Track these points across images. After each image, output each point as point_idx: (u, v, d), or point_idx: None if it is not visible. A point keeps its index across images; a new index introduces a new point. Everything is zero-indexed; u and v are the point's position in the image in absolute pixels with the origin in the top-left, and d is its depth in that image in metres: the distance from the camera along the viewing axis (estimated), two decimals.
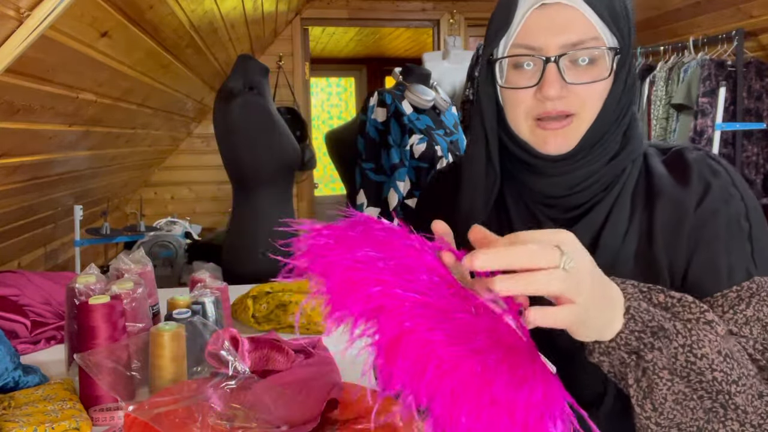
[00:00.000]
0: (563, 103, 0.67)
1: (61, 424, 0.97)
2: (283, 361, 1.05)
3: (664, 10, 3.32)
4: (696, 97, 2.87)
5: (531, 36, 0.67)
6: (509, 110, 0.72)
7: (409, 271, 0.49)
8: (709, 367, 0.55)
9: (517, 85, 0.69)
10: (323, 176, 6.31)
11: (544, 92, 0.66)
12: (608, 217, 0.72)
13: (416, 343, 0.45)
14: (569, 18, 0.66)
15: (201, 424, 0.83)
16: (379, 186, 2.56)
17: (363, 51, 6.40)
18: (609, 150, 0.71)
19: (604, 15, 0.67)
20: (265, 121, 2.19)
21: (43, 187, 1.95)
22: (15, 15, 1.02)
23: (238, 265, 2.24)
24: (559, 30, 0.66)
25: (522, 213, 0.77)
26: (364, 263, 0.48)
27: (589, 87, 0.67)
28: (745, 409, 0.56)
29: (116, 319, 1.15)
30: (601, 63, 0.67)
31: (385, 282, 0.47)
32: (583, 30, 0.66)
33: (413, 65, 2.66)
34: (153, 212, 3.80)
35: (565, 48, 0.66)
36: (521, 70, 0.69)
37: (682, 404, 0.56)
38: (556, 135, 0.68)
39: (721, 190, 0.70)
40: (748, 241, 0.68)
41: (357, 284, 0.47)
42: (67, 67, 1.40)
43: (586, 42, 0.66)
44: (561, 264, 0.47)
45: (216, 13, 2.19)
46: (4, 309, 1.46)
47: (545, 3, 0.66)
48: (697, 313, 0.58)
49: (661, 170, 0.74)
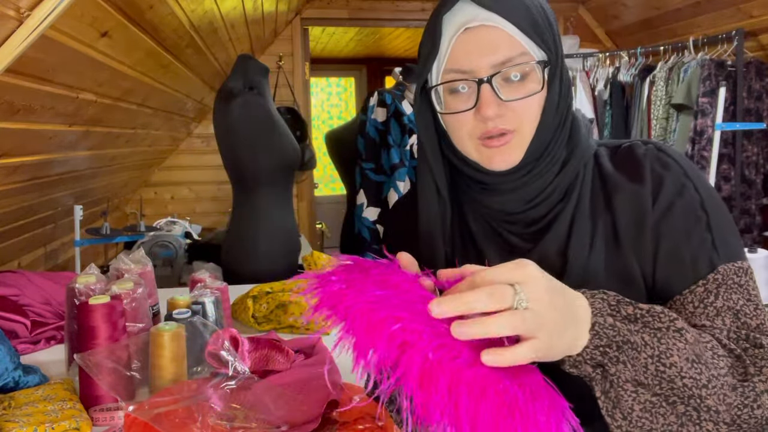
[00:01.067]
0: (502, 120, 0.69)
1: (61, 424, 0.97)
2: (283, 361, 1.05)
3: (664, 10, 3.32)
4: (696, 97, 2.87)
5: (461, 60, 0.69)
6: (453, 134, 0.73)
7: (414, 305, 0.52)
8: (678, 374, 0.57)
9: (456, 109, 0.71)
10: (323, 176, 6.31)
11: (482, 113, 0.68)
12: (572, 227, 0.73)
13: (445, 373, 0.48)
14: (495, 38, 0.68)
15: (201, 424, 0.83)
16: (379, 186, 2.56)
17: (363, 51, 6.40)
18: (557, 158, 0.73)
19: (527, 30, 0.68)
20: (265, 121, 2.19)
21: (43, 187, 1.95)
22: (15, 15, 1.02)
23: (238, 265, 2.24)
24: (486, 51, 0.67)
25: (486, 232, 0.77)
26: (379, 303, 0.51)
27: (525, 102, 0.69)
28: (717, 409, 0.57)
29: (116, 319, 1.15)
30: (533, 77, 0.69)
31: (402, 319, 0.50)
32: (510, 47, 0.68)
33: (413, 65, 2.66)
34: (153, 212, 3.80)
35: (496, 67, 0.67)
36: (457, 93, 0.70)
37: (651, 411, 0.57)
38: (501, 152, 0.70)
39: (673, 182, 0.71)
40: (707, 230, 0.69)
41: (378, 325, 0.50)
42: (67, 67, 1.40)
43: (514, 59, 0.68)
44: (514, 304, 0.50)
45: (216, 13, 2.19)
46: (4, 309, 1.46)
47: (469, 27, 0.68)
48: (666, 322, 0.59)
49: (612, 169, 0.75)
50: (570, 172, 0.74)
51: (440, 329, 0.50)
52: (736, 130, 2.82)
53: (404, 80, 2.60)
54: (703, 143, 2.86)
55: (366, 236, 2.59)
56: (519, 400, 0.49)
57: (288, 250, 2.33)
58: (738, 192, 2.91)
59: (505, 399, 0.48)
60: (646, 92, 3.18)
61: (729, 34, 2.83)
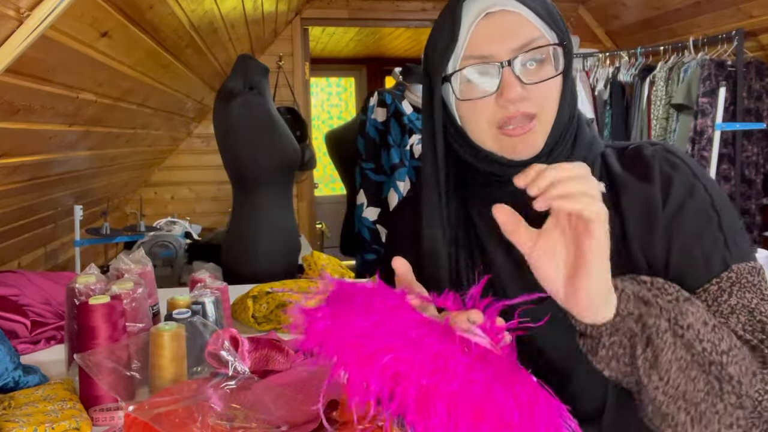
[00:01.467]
0: (524, 104, 0.68)
1: (61, 424, 0.97)
2: (283, 361, 1.05)
3: (664, 10, 3.32)
4: (696, 97, 2.87)
5: (481, 46, 0.69)
6: (470, 123, 0.72)
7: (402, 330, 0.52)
8: (696, 337, 0.56)
9: (474, 96, 0.70)
10: (323, 176, 6.31)
11: (506, 96, 0.67)
12: None
13: (442, 397, 0.49)
14: (514, 22, 0.68)
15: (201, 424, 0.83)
16: (379, 186, 2.56)
17: (363, 51, 6.40)
18: (564, 152, 0.73)
19: (543, 15, 0.69)
20: (265, 121, 2.19)
21: (43, 187, 1.95)
22: (15, 15, 1.02)
23: (238, 265, 2.24)
24: (507, 35, 0.68)
25: (491, 229, 0.77)
26: (366, 336, 0.51)
27: (545, 85, 0.69)
28: (739, 379, 0.56)
29: (116, 319, 1.15)
30: (549, 61, 0.69)
31: (392, 348, 0.50)
32: (529, 32, 0.68)
33: (413, 65, 2.65)
34: (153, 212, 3.80)
35: (516, 51, 0.68)
36: (473, 82, 0.70)
37: (685, 372, 0.56)
38: (524, 139, 0.69)
39: (683, 183, 0.71)
40: (719, 230, 0.69)
41: (369, 359, 0.50)
42: (67, 67, 1.40)
43: (533, 42, 0.68)
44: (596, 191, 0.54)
45: (216, 13, 2.19)
46: (4, 309, 1.46)
47: (489, 12, 0.68)
48: (674, 293, 0.59)
49: (619, 169, 0.75)
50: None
51: (432, 352, 0.50)
52: (736, 130, 2.82)
53: (404, 80, 2.60)
54: (703, 143, 2.86)
55: (366, 236, 2.59)
56: (516, 416, 0.49)
57: (288, 250, 2.33)
58: (738, 192, 2.91)
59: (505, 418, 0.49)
60: (646, 92, 3.18)
61: (729, 34, 2.83)
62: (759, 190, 3.01)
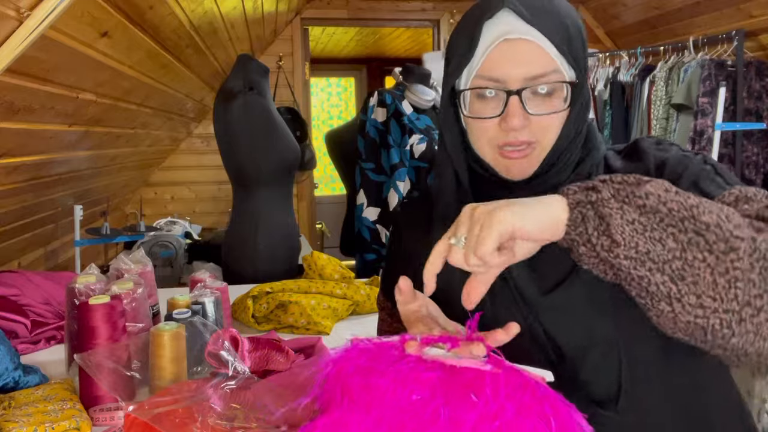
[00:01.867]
0: (525, 132, 0.70)
1: (61, 424, 0.97)
2: (283, 361, 1.05)
3: (664, 10, 3.32)
4: (696, 97, 2.87)
5: (494, 69, 0.70)
6: (474, 138, 0.75)
7: (422, 409, 0.52)
8: (658, 201, 0.56)
9: (481, 114, 0.72)
10: (323, 176, 6.31)
11: (508, 123, 0.69)
12: None
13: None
14: (531, 52, 0.69)
15: (201, 424, 0.83)
16: (379, 186, 2.56)
17: (363, 51, 6.40)
18: (571, 160, 0.75)
19: (562, 48, 0.70)
20: (265, 121, 2.19)
21: (43, 187, 1.95)
22: (15, 15, 1.02)
23: (238, 265, 2.24)
24: (521, 63, 0.69)
25: None
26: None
27: (548, 117, 0.70)
28: (718, 224, 0.54)
29: (116, 319, 1.15)
30: (559, 94, 0.71)
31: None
32: (544, 63, 0.69)
33: (413, 65, 2.66)
34: (153, 212, 3.80)
35: (527, 81, 0.69)
36: (484, 99, 0.72)
37: (643, 235, 0.55)
38: (518, 164, 0.72)
39: (676, 160, 0.73)
40: (717, 175, 0.70)
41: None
42: (67, 67, 1.40)
43: (546, 75, 0.69)
44: (456, 244, 0.58)
45: (216, 13, 2.19)
46: (4, 309, 1.46)
47: (508, 38, 0.69)
48: (632, 179, 0.59)
49: (620, 165, 0.77)
50: (582, 173, 0.75)
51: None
52: (736, 130, 2.82)
53: (404, 80, 2.60)
54: (703, 143, 2.86)
55: (366, 236, 2.59)
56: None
57: (288, 250, 2.33)
58: None
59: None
60: (646, 92, 3.18)
61: (729, 34, 2.83)
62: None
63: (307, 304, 1.58)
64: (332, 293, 1.67)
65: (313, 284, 1.69)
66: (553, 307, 0.72)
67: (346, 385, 0.54)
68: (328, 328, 1.56)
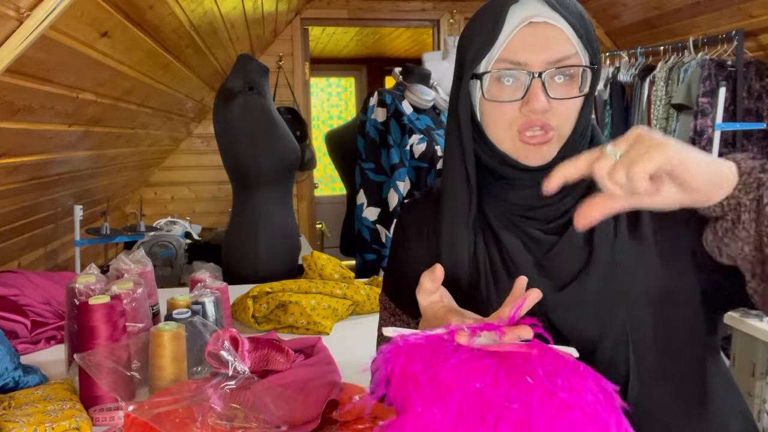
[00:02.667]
0: (546, 116, 0.71)
1: (61, 424, 0.97)
2: (283, 361, 1.05)
3: (664, 10, 3.32)
4: (696, 97, 2.87)
5: (517, 52, 0.70)
6: (491, 122, 0.75)
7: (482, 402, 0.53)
8: None
9: (500, 98, 0.72)
10: (323, 176, 6.31)
11: (531, 106, 0.69)
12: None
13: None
14: (553, 36, 0.70)
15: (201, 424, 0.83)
16: (379, 186, 2.56)
17: (363, 51, 6.40)
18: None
19: (581, 34, 0.71)
20: (265, 121, 2.19)
21: (43, 187, 1.95)
22: (15, 15, 1.02)
23: (238, 265, 2.24)
24: (544, 47, 0.70)
25: (507, 225, 0.78)
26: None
27: (568, 102, 0.71)
28: None
29: (116, 319, 1.15)
30: (577, 80, 0.72)
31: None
32: (565, 47, 0.70)
33: (413, 65, 2.66)
34: (153, 212, 3.80)
35: (550, 65, 0.70)
36: (502, 84, 0.72)
37: None
38: (537, 149, 0.72)
39: None
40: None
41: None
42: (67, 67, 1.40)
43: (567, 59, 0.70)
44: (610, 153, 0.52)
45: (216, 13, 2.19)
46: (4, 309, 1.46)
47: (533, 21, 0.70)
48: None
49: None
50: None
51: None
52: (736, 130, 2.82)
53: (404, 80, 2.60)
54: (703, 143, 2.86)
55: (366, 236, 2.59)
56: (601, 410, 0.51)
57: (288, 250, 2.33)
58: None
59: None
60: (646, 92, 3.18)
61: (729, 34, 2.83)
62: None
63: (307, 304, 1.58)
64: (332, 293, 1.67)
65: (313, 284, 1.69)
66: (564, 305, 0.72)
67: (415, 379, 0.55)
68: (328, 328, 1.56)
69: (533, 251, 0.76)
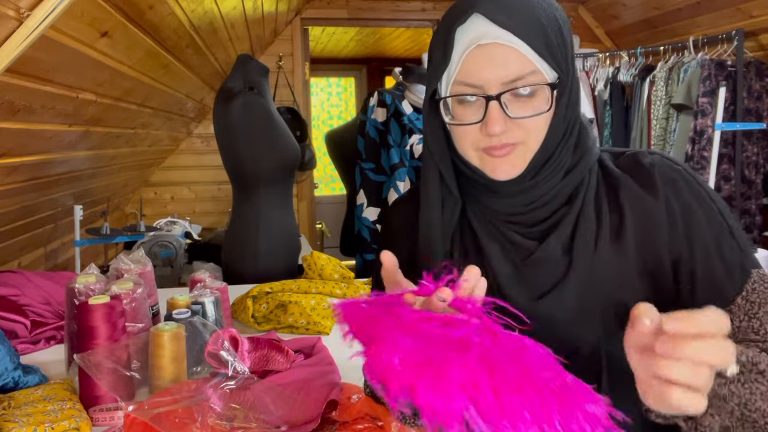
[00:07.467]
0: (507, 136, 0.70)
1: (61, 424, 0.97)
2: (283, 361, 1.05)
3: (664, 10, 3.32)
4: (696, 97, 2.87)
5: (471, 74, 0.69)
6: (458, 142, 0.74)
7: (429, 335, 0.53)
8: (762, 416, 0.58)
9: (463, 119, 0.71)
10: (323, 176, 6.31)
11: (489, 129, 0.68)
12: (575, 229, 0.74)
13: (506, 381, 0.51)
14: (506, 55, 0.68)
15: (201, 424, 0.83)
16: (379, 186, 2.56)
17: (363, 51, 6.40)
18: (562, 164, 0.74)
19: (540, 49, 0.68)
20: (265, 121, 2.19)
21: (43, 187, 1.95)
22: (15, 15, 1.02)
23: (238, 265, 2.24)
24: (498, 68, 0.67)
25: (489, 230, 0.78)
26: (413, 353, 0.52)
27: (531, 119, 0.69)
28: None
29: (116, 319, 1.15)
30: (541, 95, 0.69)
31: (441, 359, 0.51)
32: (521, 65, 0.68)
33: (413, 65, 2.66)
34: (153, 212, 3.80)
35: (506, 85, 0.68)
36: (466, 104, 0.71)
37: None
38: (504, 161, 0.71)
39: (688, 187, 0.73)
40: (732, 238, 0.71)
41: (437, 378, 0.50)
42: (67, 67, 1.40)
43: (525, 77, 0.68)
44: (721, 366, 0.50)
45: (216, 13, 2.19)
46: (4, 309, 1.46)
47: (481, 44, 0.68)
48: (749, 365, 0.59)
49: (618, 171, 0.76)
50: (575, 178, 0.75)
51: (464, 345, 0.52)
52: (736, 130, 2.82)
53: (404, 80, 2.60)
54: (703, 143, 2.86)
55: (366, 236, 2.59)
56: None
57: (288, 250, 2.33)
58: (738, 192, 2.91)
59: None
60: (646, 92, 3.18)
61: (729, 34, 2.83)
62: (759, 190, 3.01)
63: (307, 304, 1.58)
64: (332, 293, 1.67)
65: (313, 284, 1.69)
66: (540, 315, 0.71)
67: (377, 319, 0.56)
68: (327, 328, 1.56)
69: (512, 257, 0.75)
